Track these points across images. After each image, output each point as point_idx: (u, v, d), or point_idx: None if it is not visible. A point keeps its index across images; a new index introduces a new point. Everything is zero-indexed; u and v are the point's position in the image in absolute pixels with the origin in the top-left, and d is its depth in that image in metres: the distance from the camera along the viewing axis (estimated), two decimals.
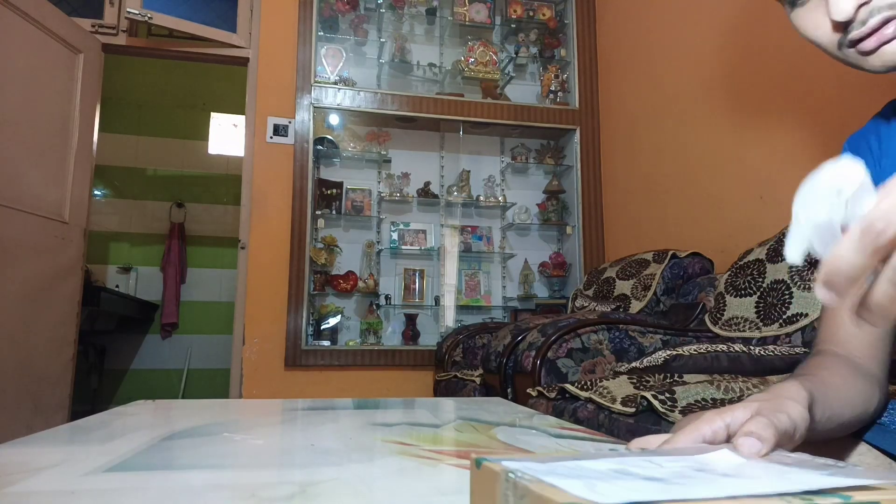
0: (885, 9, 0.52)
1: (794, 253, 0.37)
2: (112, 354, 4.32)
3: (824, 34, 0.58)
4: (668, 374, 1.38)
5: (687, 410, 1.07)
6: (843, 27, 0.56)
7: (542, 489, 0.29)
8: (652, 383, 1.32)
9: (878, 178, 0.55)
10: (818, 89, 1.77)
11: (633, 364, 1.51)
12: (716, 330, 1.71)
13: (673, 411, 1.08)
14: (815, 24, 0.59)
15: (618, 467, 0.37)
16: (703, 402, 1.10)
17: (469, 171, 3.28)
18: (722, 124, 2.20)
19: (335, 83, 3.05)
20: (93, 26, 2.91)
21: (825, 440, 0.58)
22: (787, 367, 1.36)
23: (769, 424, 0.40)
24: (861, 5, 0.53)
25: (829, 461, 0.39)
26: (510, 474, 0.32)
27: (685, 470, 0.37)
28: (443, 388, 2.54)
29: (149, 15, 2.76)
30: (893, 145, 0.66)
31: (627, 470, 0.36)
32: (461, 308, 3.18)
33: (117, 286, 4.28)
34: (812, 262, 1.44)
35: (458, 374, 2.40)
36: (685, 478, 0.36)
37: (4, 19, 2.38)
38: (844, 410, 0.55)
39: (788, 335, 1.50)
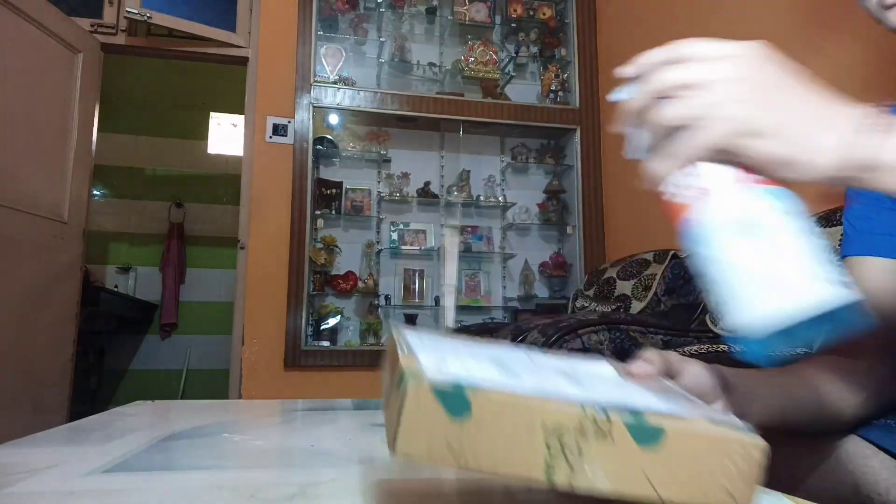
0: None
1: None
2: (111, 355, 4.32)
3: None
4: None
5: None
6: None
7: (402, 354, 0.36)
8: None
9: None
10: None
11: None
12: (717, 330, 1.71)
13: None
14: None
15: (496, 354, 0.42)
16: None
17: (469, 171, 3.27)
18: None
19: (335, 83, 3.05)
20: (92, 26, 2.91)
21: (805, 431, 0.60)
22: None
23: (659, 353, 0.51)
24: None
25: (687, 395, 0.44)
26: (394, 330, 0.43)
27: (549, 368, 0.42)
28: None
29: (148, 14, 2.76)
30: None
31: (500, 357, 0.42)
32: (461, 308, 3.18)
33: (116, 286, 4.28)
34: None
35: None
36: (534, 373, 0.40)
37: (3, 19, 2.37)
38: (785, 405, 0.57)
39: None
